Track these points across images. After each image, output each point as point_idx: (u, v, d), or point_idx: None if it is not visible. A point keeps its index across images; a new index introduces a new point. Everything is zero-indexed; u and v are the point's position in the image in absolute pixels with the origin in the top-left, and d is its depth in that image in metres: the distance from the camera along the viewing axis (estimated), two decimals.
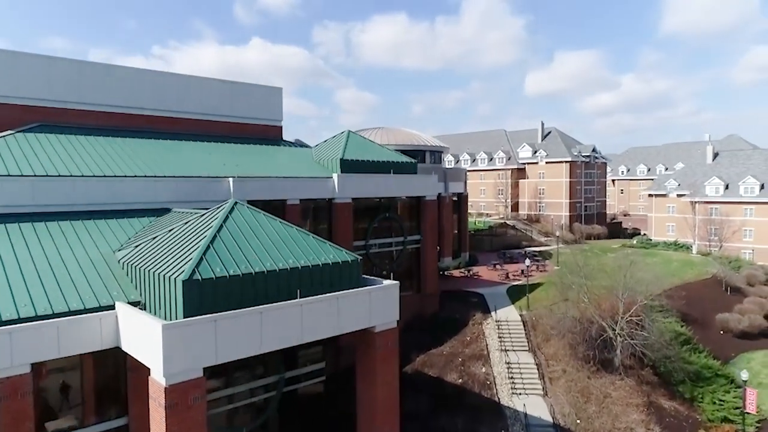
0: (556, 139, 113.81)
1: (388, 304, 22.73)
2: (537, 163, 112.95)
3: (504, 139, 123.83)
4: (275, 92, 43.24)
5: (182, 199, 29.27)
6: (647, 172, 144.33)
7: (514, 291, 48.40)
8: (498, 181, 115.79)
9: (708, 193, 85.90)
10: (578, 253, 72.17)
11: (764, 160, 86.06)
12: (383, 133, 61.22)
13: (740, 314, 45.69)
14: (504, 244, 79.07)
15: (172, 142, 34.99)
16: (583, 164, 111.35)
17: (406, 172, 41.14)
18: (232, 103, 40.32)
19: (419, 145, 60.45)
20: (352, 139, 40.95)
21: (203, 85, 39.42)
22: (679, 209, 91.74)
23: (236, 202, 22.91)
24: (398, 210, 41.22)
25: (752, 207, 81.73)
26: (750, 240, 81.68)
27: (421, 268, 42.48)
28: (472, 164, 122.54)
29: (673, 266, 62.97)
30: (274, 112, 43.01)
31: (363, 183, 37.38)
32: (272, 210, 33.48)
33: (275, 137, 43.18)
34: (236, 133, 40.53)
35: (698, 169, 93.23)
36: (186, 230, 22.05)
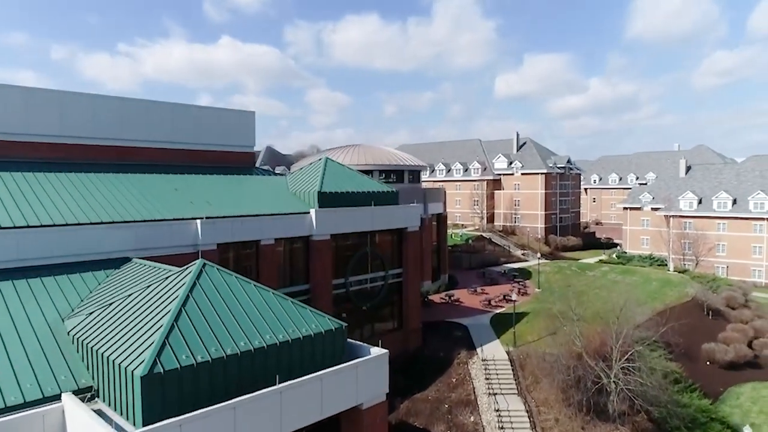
0: (531, 150, 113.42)
1: (376, 377, 20.48)
2: (512, 174, 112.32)
3: (479, 149, 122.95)
4: (247, 117, 40.48)
5: (145, 246, 26.44)
6: (619, 181, 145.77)
7: (498, 321, 46.70)
8: (474, 192, 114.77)
9: (682, 207, 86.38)
10: (558, 272, 71.47)
11: (735, 175, 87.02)
12: (361, 151, 59.00)
13: (725, 344, 45.04)
14: (482, 262, 77.63)
15: (134, 177, 31.96)
16: (558, 175, 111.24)
17: (387, 202, 38.98)
18: (200, 130, 37.45)
19: (398, 165, 58.44)
20: (329, 168, 38.55)
21: (169, 111, 36.46)
22: (654, 223, 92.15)
23: (204, 263, 20.29)
24: (379, 242, 38.98)
25: (725, 222, 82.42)
26: (723, 255, 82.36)
27: (403, 303, 40.35)
28: (447, 174, 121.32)
29: (653, 286, 62.48)
30: (246, 138, 40.28)
31: (342, 218, 35.06)
32: (245, 252, 31.03)
33: (248, 164, 40.45)
34: (206, 161, 37.68)
35: (672, 182, 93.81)
36: (147, 298, 19.34)
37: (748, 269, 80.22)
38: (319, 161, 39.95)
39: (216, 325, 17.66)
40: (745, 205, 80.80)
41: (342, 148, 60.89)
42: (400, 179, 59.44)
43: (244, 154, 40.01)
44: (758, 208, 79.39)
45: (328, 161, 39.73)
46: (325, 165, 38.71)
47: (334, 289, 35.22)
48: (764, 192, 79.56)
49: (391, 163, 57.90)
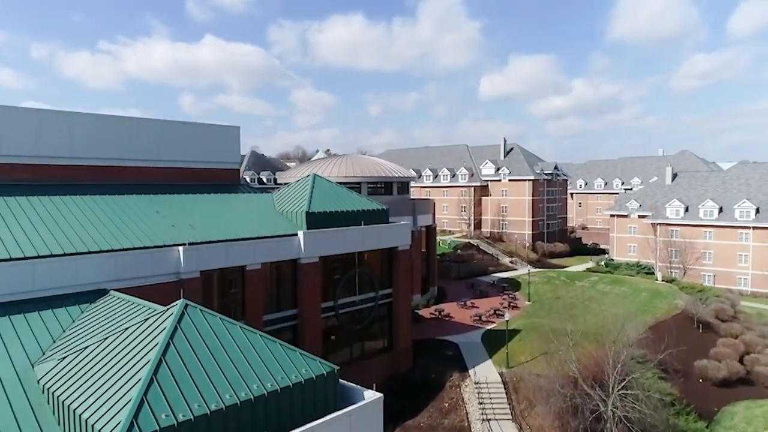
0: (518, 156, 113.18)
1: (371, 424, 19.33)
2: (500, 181, 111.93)
3: (466, 155, 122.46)
4: (232, 132, 39.08)
5: (124, 276, 25.02)
6: (604, 186, 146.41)
7: (489, 339, 45.84)
8: (461, 198, 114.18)
9: (669, 215, 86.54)
10: (547, 282, 70.96)
11: (721, 183, 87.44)
12: (348, 163, 57.82)
13: (717, 360, 44.70)
14: (471, 271, 76.90)
15: (114, 199, 30.43)
16: (545, 182, 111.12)
17: (377, 221, 37.89)
18: (184, 147, 35.99)
19: (386, 177, 57.38)
20: (318, 186, 37.33)
21: (150, 128, 34.96)
22: (641, 230, 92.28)
23: (186, 304, 18.97)
24: (369, 262, 37.84)
25: (711, 230, 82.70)
26: (710, 263, 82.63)
27: (393, 323, 39.26)
28: (435, 180, 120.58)
29: (643, 298, 62.23)
30: (231, 154, 38.90)
31: (332, 239, 33.87)
32: (230, 278, 29.69)
33: (233, 181, 39.05)
34: (190, 179, 36.22)
35: (658, 189, 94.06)
36: (124, 344, 17.99)
37: (734, 277, 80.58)
38: (306, 178, 38.72)
39: (199, 376, 16.39)
40: (731, 214, 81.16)
41: (329, 160, 59.67)
42: (389, 191, 58.39)
43: (229, 170, 38.60)
44: (744, 216, 79.75)
45: (317, 178, 38.52)
46: (313, 182, 37.49)
47: (322, 313, 34.04)
48: (750, 200, 79.99)
49: (380, 174, 56.81)
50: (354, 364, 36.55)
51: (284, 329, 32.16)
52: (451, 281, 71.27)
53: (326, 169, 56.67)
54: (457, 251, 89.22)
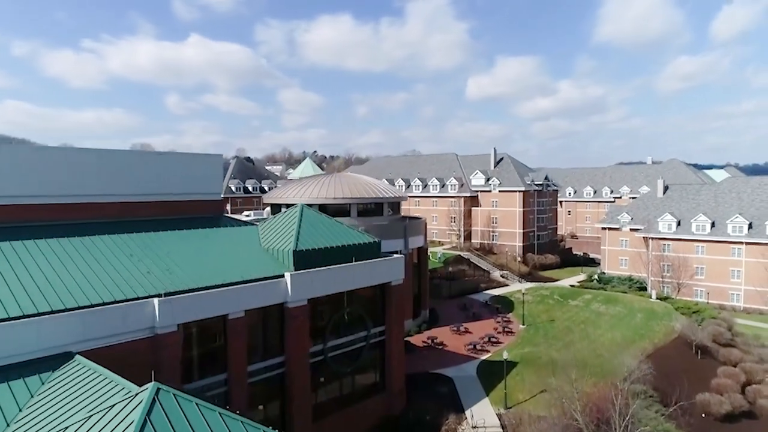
0: (508, 167, 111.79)
1: None
2: (490, 192, 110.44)
3: (456, 164, 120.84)
4: (213, 161, 36.75)
5: (93, 336, 22.69)
6: (594, 195, 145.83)
7: (485, 372, 43.94)
8: (451, 208, 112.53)
9: (661, 229, 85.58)
10: (540, 302, 69.40)
11: (713, 196, 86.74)
12: (337, 183, 55.70)
13: (719, 392, 43.35)
14: (462, 289, 75.16)
15: (81, 242, 27.97)
16: (535, 193, 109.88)
17: (369, 255, 35.84)
18: (162, 178, 33.57)
19: (377, 198, 55.37)
20: (306, 218, 35.15)
21: (125, 159, 32.52)
22: (632, 243, 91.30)
23: (158, 389, 16.74)
24: (360, 299, 35.71)
25: (704, 245, 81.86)
26: (702, 278, 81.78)
27: (386, 363, 37.18)
28: (424, 190, 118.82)
29: (638, 320, 60.91)
30: (213, 184, 36.56)
31: (321, 280, 31.73)
32: (211, 329, 27.39)
33: (216, 212, 36.69)
34: (168, 213, 33.82)
35: (650, 202, 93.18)
36: None
37: (727, 293, 79.83)
38: (294, 209, 36.49)
39: None
40: (723, 228, 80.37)
41: (317, 179, 57.46)
42: (379, 211, 56.40)
43: (211, 202, 36.23)
44: (736, 231, 78.99)
45: (305, 210, 36.34)
46: (300, 215, 35.30)
47: (311, 357, 31.88)
48: (742, 215, 79.28)
49: (370, 195, 54.76)
50: (346, 408, 34.48)
51: (271, 379, 29.97)
52: (443, 301, 69.43)
53: (314, 190, 54.52)
54: (448, 267, 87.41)
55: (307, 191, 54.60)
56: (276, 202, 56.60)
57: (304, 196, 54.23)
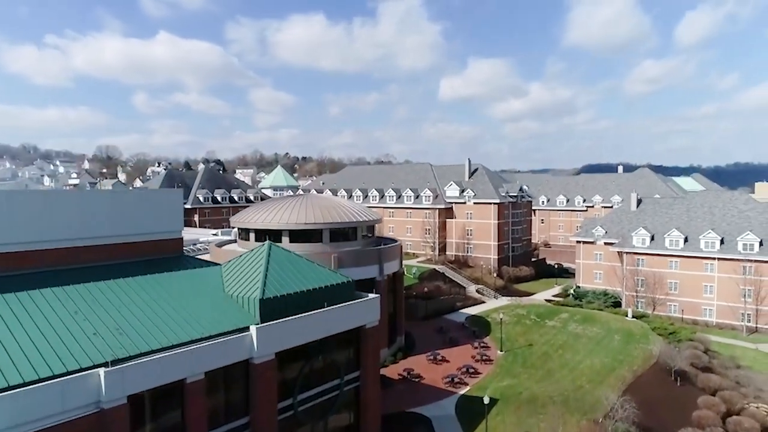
0: (483, 178, 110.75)
1: None
2: (465, 203, 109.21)
3: (430, 174, 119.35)
4: (172, 197, 33.81)
5: (26, 420, 19.82)
6: (566, 203, 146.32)
7: (465, 411, 42.01)
8: (425, 220, 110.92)
9: (635, 243, 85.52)
10: (517, 323, 68.12)
11: (686, 210, 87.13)
12: (309, 206, 53.16)
13: (700, 426, 42.47)
14: (439, 309, 73.40)
15: (19, 299, 24.87)
16: (510, 204, 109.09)
17: (342, 296, 33.51)
18: (115, 218, 30.49)
19: (350, 222, 53.08)
20: (274, 260, 32.60)
21: (74, 200, 29.40)
22: (607, 257, 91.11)
23: None
24: (332, 345, 33.28)
25: (677, 260, 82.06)
26: (676, 293, 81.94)
27: (361, 411, 34.89)
28: (398, 201, 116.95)
29: (616, 343, 60.08)
30: (173, 222, 33.62)
31: (290, 330, 29.27)
32: (166, 397, 24.63)
33: (175, 252, 33.78)
34: (124, 256, 30.79)
35: (624, 216, 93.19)
36: None
37: (700, 308, 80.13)
38: (261, 249, 33.88)
39: None
40: (696, 244, 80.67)
41: (288, 201, 54.70)
42: (353, 236, 54.10)
43: (170, 241, 33.29)
44: (709, 246, 79.35)
45: (272, 249, 33.76)
46: (268, 255, 32.73)
47: (279, 414, 29.38)
48: (714, 230, 79.66)
49: (343, 220, 52.38)
50: None
51: None
52: (419, 323, 67.49)
53: (285, 214, 51.87)
54: (423, 283, 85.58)
55: (276, 216, 51.92)
56: (244, 226, 53.79)
57: (274, 220, 51.58)
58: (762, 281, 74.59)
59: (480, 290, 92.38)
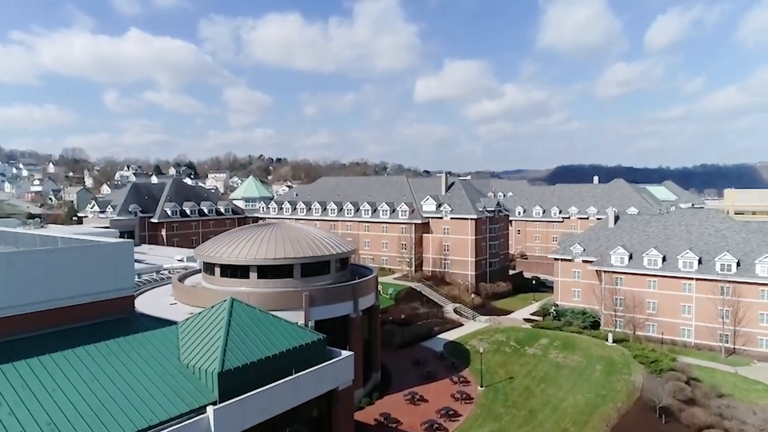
0: (460, 192, 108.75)
1: None
2: (441, 218, 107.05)
3: (406, 188, 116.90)
4: (123, 249, 30.29)
5: None
6: (543, 214, 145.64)
7: None
8: (402, 235, 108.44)
9: (613, 262, 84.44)
10: (496, 351, 66.00)
11: (663, 228, 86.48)
12: (279, 238, 49.99)
13: None
14: (416, 335, 70.83)
15: None
16: (487, 219, 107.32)
17: (313, 355, 30.55)
18: (57, 278, 26.93)
19: (323, 255, 50.03)
20: (236, 320, 29.41)
21: (3, 261, 25.69)
22: (585, 275, 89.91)
23: None
24: (301, 413, 30.29)
25: (656, 280, 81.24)
26: (654, 313, 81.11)
27: None
28: (373, 215, 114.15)
29: (598, 375, 58.39)
30: (123, 277, 30.13)
31: (254, 406, 26.19)
32: None
33: (124, 312, 30.29)
34: (65, 321, 27.24)
35: (602, 233, 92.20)
36: None
37: (678, 328, 79.40)
38: (222, 306, 30.64)
39: None
40: (674, 263, 79.93)
41: (256, 233, 51.31)
42: (326, 270, 51.09)
43: (119, 300, 29.82)
44: (687, 266, 78.67)
45: (235, 307, 30.55)
46: (229, 315, 29.54)
47: None
48: (692, 250, 79.02)
49: (315, 254, 49.31)
50: None
51: None
52: (395, 353, 64.78)
53: (253, 248, 48.58)
54: (399, 306, 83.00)
55: (243, 249, 48.59)
56: (210, 261, 50.28)
57: (241, 255, 48.26)
58: (740, 302, 74.08)
59: (458, 309, 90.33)
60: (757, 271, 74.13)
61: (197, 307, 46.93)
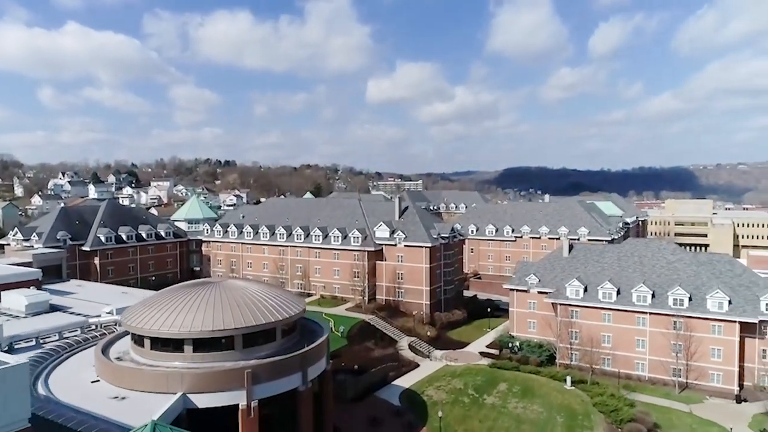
0: (414, 218, 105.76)
1: None
2: (395, 245, 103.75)
3: (359, 211, 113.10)
4: (16, 374, 24.80)
5: None
6: (495, 233, 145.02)
7: None
8: (354, 262, 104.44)
9: (569, 295, 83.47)
10: (454, 402, 63.07)
11: (617, 259, 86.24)
12: (218, 303, 45.10)
13: None
14: (370, 383, 66.94)
15: None
16: (442, 246, 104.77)
17: None
18: None
19: (269, 323, 45.33)
20: None
21: None
22: (540, 306, 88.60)
23: None
24: None
25: (610, 313, 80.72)
26: (609, 346, 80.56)
27: None
28: (324, 240, 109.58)
29: (560, 427, 56.33)
30: (15, 409, 24.64)
31: None
32: None
33: None
34: None
35: (556, 262, 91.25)
36: None
37: (632, 362, 79.11)
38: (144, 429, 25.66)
39: None
40: (628, 297, 79.59)
41: (192, 296, 45.91)
42: (271, 337, 46.35)
43: None
44: (641, 300, 78.48)
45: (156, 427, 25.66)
46: None
47: None
48: (645, 284, 78.89)
49: (259, 321, 44.47)
50: None
51: None
52: (348, 408, 60.63)
53: (188, 318, 43.29)
54: (352, 347, 79.00)
55: (177, 319, 43.24)
56: (137, 333, 44.59)
57: (174, 326, 42.88)
58: (692, 337, 74.36)
59: (413, 345, 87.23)
60: (708, 306, 74.58)
61: (123, 389, 41.49)
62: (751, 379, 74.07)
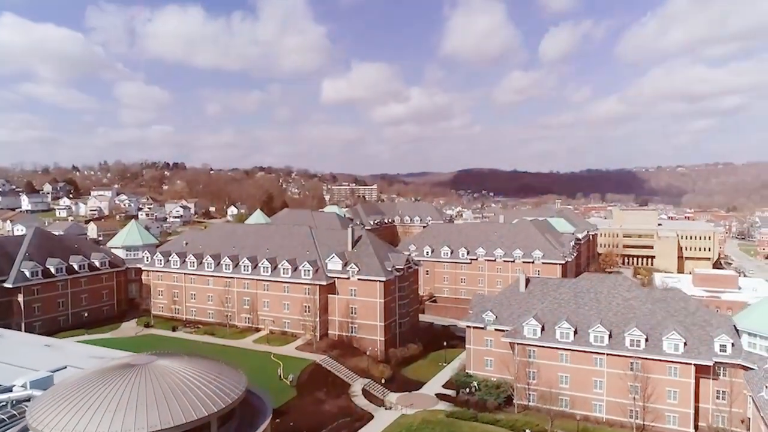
0: (368, 249, 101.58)
1: None
2: (348, 278, 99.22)
3: (310, 241, 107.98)
4: None
5: None
6: (450, 255, 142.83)
7: None
8: (305, 296, 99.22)
9: (526, 334, 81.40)
10: None
11: (573, 296, 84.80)
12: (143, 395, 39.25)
13: None
14: None
15: None
16: (396, 279, 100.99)
17: None
18: None
19: (202, 418, 39.88)
20: None
21: None
22: (497, 344, 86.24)
23: None
24: None
25: (568, 353, 79.11)
26: (566, 386, 78.97)
27: None
28: (273, 272, 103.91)
29: None
30: None
31: None
32: None
33: None
34: None
35: (513, 298, 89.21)
36: None
37: (590, 403, 77.74)
38: None
39: None
40: (586, 337, 78.17)
41: (112, 386, 40.01)
42: None
43: None
44: (598, 341, 77.17)
45: None
46: None
47: None
48: (602, 324, 77.61)
49: (189, 418, 39.00)
50: None
51: None
52: None
53: (104, 420, 37.34)
54: (302, 396, 73.97)
55: (92, 423, 37.27)
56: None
57: (87, 430, 36.94)
58: (649, 378, 73.52)
59: (367, 388, 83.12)
60: (664, 347, 73.90)
61: None
62: (706, 420, 73.86)
